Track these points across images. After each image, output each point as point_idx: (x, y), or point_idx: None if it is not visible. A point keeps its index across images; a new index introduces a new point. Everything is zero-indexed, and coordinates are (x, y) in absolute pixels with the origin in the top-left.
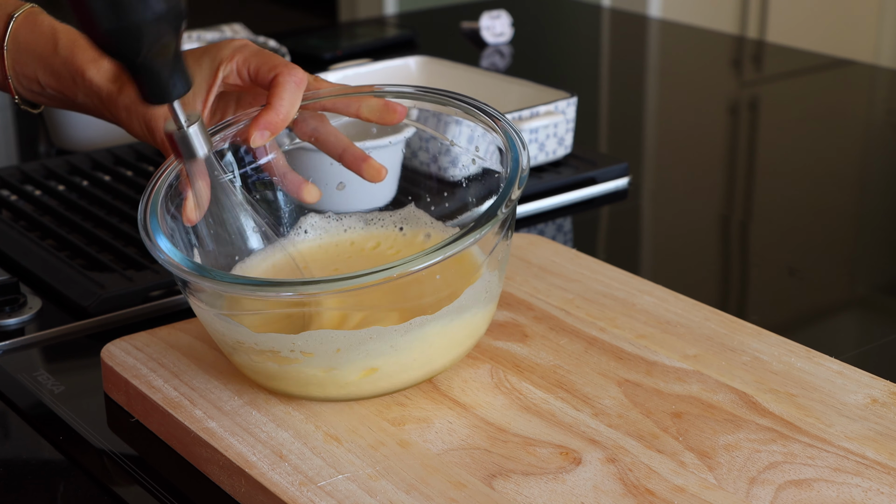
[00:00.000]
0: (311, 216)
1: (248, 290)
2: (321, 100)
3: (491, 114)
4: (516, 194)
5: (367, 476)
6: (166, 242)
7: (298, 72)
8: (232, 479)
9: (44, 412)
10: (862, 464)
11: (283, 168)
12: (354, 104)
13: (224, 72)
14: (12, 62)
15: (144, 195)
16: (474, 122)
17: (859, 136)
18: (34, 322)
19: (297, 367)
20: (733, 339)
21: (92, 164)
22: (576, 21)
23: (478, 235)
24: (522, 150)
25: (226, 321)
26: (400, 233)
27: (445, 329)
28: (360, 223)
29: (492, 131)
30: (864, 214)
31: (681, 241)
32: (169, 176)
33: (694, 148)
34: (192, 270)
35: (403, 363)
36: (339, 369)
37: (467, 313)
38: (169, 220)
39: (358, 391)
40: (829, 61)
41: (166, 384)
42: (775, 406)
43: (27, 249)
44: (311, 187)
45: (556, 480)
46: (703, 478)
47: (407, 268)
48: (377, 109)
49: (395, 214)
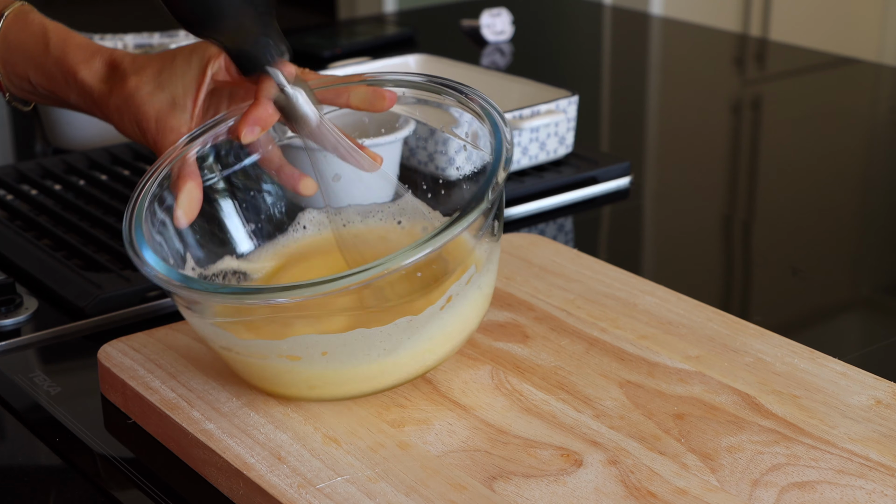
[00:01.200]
0: (308, 212)
1: (238, 298)
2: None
3: (474, 97)
4: (502, 176)
5: (367, 478)
6: (152, 254)
7: (287, 65)
8: (230, 481)
9: (40, 414)
10: (866, 466)
11: (278, 162)
12: (343, 94)
13: (213, 69)
14: (3, 61)
15: (128, 207)
16: (462, 109)
17: (863, 135)
18: (30, 323)
19: (287, 371)
20: (736, 339)
21: (89, 163)
22: (577, 19)
23: (465, 224)
24: (505, 127)
25: (213, 328)
26: (398, 226)
27: (434, 326)
28: (358, 217)
29: (478, 118)
30: (868, 214)
31: (683, 241)
32: (152, 186)
33: (696, 147)
34: (180, 282)
35: (394, 362)
36: (328, 371)
37: (457, 306)
38: (158, 223)
39: (352, 391)
40: (833, 60)
41: (164, 385)
42: (778, 407)
43: (23, 249)
44: (307, 180)
45: (557, 482)
46: (706, 480)
47: (398, 262)
48: (366, 97)
49: (392, 206)
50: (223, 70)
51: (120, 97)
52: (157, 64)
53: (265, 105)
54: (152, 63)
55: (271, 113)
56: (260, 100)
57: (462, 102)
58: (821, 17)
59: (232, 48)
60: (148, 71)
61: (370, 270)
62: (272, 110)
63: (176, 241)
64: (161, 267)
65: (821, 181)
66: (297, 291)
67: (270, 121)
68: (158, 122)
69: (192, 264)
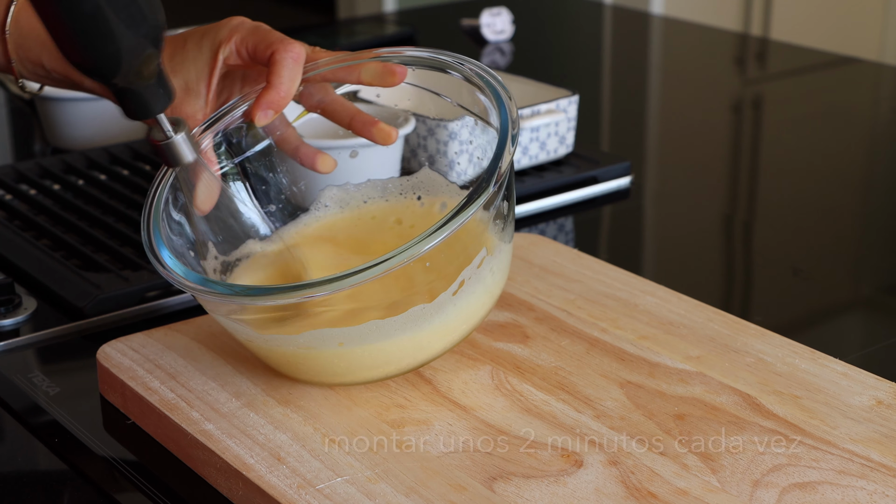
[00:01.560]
0: (329, 189)
1: (255, 300)
2: (322, 71)
3: (477, 70)
4: (508, 159)
5: (366, 479)
6: (173, 259)
7: (295, 47)
8: (229, 481)
9: (39, 414)
10: (867, 466)
11: (295, 141)
12: (355, 71)
13: (224, 53)
14: (15, 47)
15: (144, 212)
16: (471, 86)
17: (864, 135)
18: (29, 323)
19: (305, 358)
20: (737, 340)
21: (87, 162)
22: (577, 18)
23: (468, 214)
24: (510, 100)
25: (232, 321)
26: (418, 202)
27: (446, 316)
28: (378, 192)
29: (483, 93)
30: (869, 214)
31: (684, 241)
32: (164, 189)
33: (697, 147)
34: (199, 285)
35: (404, 350)
36: (344, 361)
37: (467, 298)
38: (174, 224)
39: (361, 377)
40: (834, 59)
41: (163, 386)
42: (779, 408)
43: (22, 249)
44: (325, 157)
45: (557, 483)
46: (707, 480)
47: (400, 259)
48: (377, 73)
49: (411, 179)
50: (234, 54)
51: None
52: (169, 48)
53: (277, 88)
54: (165, 47)
55: (283, 96)
56: (272, 83)
57: (468, 79)
58: (822, 17)
59: (122, 93)
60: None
61: (385, 263)
62: (284, 93)
63: (197, 230)
64: (181, 270)
65: (822, 181)
66: (308, 291)
67: (283, 103)
68: (173, 109)
69: (215, 252)
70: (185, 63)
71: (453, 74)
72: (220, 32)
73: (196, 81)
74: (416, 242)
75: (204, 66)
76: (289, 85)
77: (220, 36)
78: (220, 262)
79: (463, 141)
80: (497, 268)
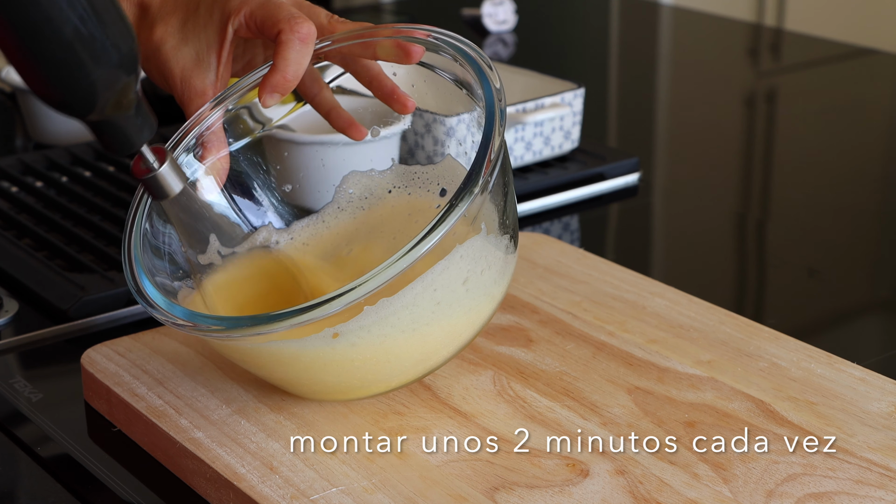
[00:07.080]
0: (353, 175)
1: (249, 332)
2: (336, 46)
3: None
4: (497, 141)
5: (363, 489)
6: (158, 295)
7: (303, 27)
8: (220, 492)
9: (21, 421)
10: (886, 476)
11: (328, 105)
12: (371, 47)
13: (234, 26)
14: None
15: (124, 239)
16: (463, 68)
17: (883, 130)
18: (11, 326)
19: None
20: (750, 344)
21: (71, 158)
22: (583, 7)
23: (450, 222)
24: (491, 70)
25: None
26: (440, 199)
27: (443, 318)
28: (402, 181)
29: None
30: (887, 212)
31: (694, 241)
32: (142, 217)
33: (708, 142)
34: (186, 319)
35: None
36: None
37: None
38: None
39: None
40: (851, 50)
41: (150, 392)
42: (794, 415)
43: (3, 249)
44: (358, 126)
45: (562, 493)
46: (718, 491)
47: (383, 278)
48: (392, 51)
49: (436, 168)
50: (244, 27)
51: (148, 48)
52: (182, 12)
53: (283, 71)
54: (177, 10)
55: (289, 78)
56: (276, 65)
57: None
58: (838, 6)
59: (100, 126)
60: (173, 20)
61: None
62: (291, 76)
63: (204, 222)
64: (163, 302)
65: (839, 178)
66: (279, 323)
67: (289, 86)
68: (184, 81)
69: (217, 246)
70: (197, 29)
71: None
72: (230, 3)
73: (207, 52)
74: (386, 266)
75: (214, 36)
76: (295, 67)
77: (230, 6)
78: (226, 252)
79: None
80: (499, 276)
